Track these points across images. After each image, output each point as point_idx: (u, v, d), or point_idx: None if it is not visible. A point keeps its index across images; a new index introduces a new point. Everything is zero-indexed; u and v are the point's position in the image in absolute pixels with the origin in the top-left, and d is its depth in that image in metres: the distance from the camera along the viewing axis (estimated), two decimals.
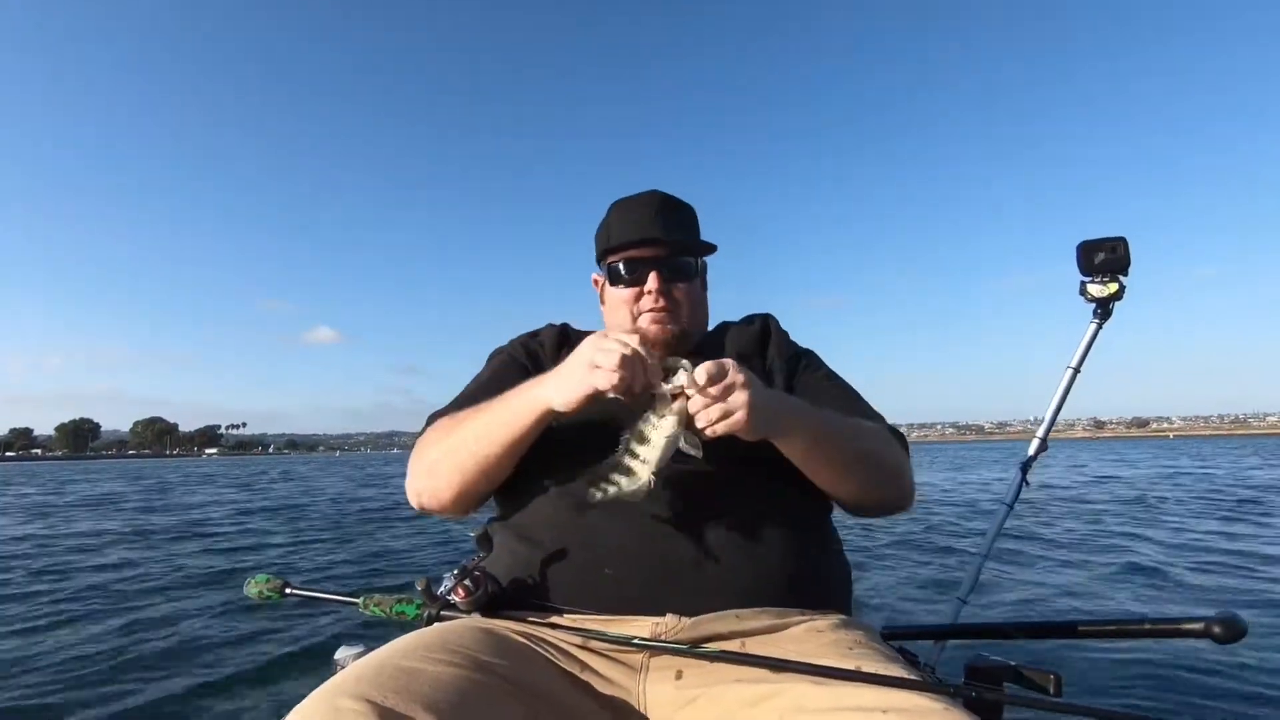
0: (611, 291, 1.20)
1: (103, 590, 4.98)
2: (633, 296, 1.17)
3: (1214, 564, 5.27)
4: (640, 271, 1.16)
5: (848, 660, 0.81)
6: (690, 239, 1.20)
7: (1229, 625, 1.06)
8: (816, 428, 0.97)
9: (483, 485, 1.05)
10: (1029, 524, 7.63)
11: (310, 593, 1.12)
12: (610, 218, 1.22)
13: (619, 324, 1.19)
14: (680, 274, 1.18)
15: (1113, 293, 1.63)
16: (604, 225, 1.24)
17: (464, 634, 0.85)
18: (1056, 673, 1.04)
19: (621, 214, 1.20)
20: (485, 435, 1.00)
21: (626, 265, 1.17)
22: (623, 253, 1.18)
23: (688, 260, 1.19)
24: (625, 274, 1.17)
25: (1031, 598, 4.25)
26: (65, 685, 2.95)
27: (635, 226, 1.17)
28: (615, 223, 1.20)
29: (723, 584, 0.92)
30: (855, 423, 1.05)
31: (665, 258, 1.16)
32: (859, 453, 1.02)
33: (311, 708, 0.68)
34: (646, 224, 1.16)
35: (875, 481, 1.05)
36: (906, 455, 1.11)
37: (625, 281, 1.17)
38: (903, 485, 1.08)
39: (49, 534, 8.63)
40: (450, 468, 1.03)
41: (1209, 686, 2.65)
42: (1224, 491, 11.55)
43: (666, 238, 1.16)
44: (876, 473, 1.04)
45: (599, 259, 1.24)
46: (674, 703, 0.85)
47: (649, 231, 1.16)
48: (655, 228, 1.16)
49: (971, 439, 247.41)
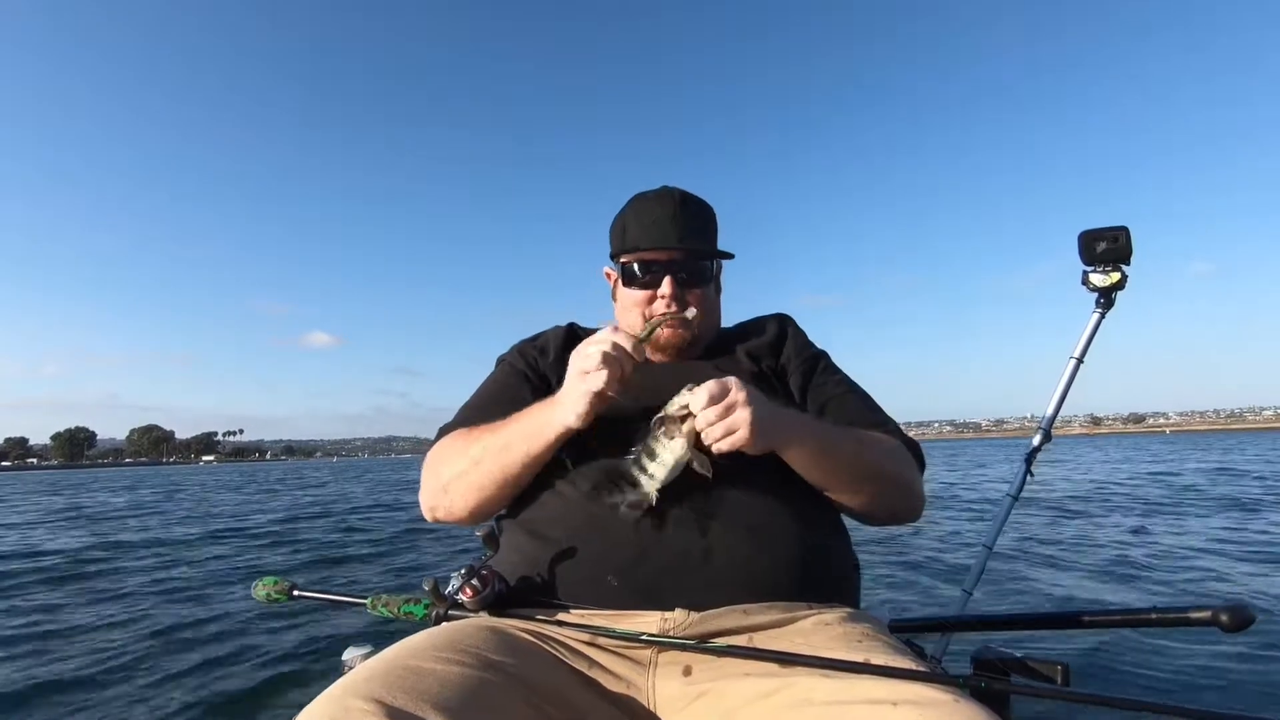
0: (624, 291, 1.20)
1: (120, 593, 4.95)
2: (646, 299, 1.17)
3: (1221, 553, 5.28)
4: (655, 274, 1.16)
5: (856, 653, 0.81)
6: (706, 247, 1.20)
7: (1237, 613, 1.06)
8: (820, 441, 0.99)
9: (500, 501, 1.07)
10: (1034, 516, 7.65)
11: (318, 594, 1.12)
12: (627, 214, 1.21)
13: (630, 325, 1.18)
14: (695, 279, 1.17)
15: (1115, 282, 1.63)
16: (620, 220, 1.22)
17: (472, 633, 0.85)
18: (1063, 663, 1.04)
19: (639, 213, 1.19)
20: (504, 456, 1.02)
21: (641, 267, 1.16)
22: (637, 254, 1.17)
23: (703, 265, 1.19)
24: (639, 275, 1.17)
25: (1037, 589, 4.25)
26: (67, 684, 2.95)
27: (653, 227, 1.16)
28: (632, 222, 1.19)
29: (731, 579, 0.92)
30: (861, 435, 1.05)
31: (680, 261, 1.16)
32: (864, 466, 1.03)
33: (321, 708, 0.68)
34: (665, 225, 1.16)
35: (881, 494, 1.06)
36: (918, 466, 1.11)
37: (639, 283, 1.17)
38: (910, 499, 1.09)
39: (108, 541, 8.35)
40: (467, 486, 1.05)
41: (1217, 675, 2.65)
42: (1230, 484, 11.57)
43: (682, 244, 1.15)
44: (882, 485, 1.05)
45: (613, 255, 1.23)
46: (683, 697, 0.85)
47: (666, 237, 1.15)
48: (672, 231, 1.15)
49: (969, 436, 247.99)
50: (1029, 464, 1.72)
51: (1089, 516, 7.91)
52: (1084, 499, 9.86)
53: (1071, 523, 7.33)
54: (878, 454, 1.05)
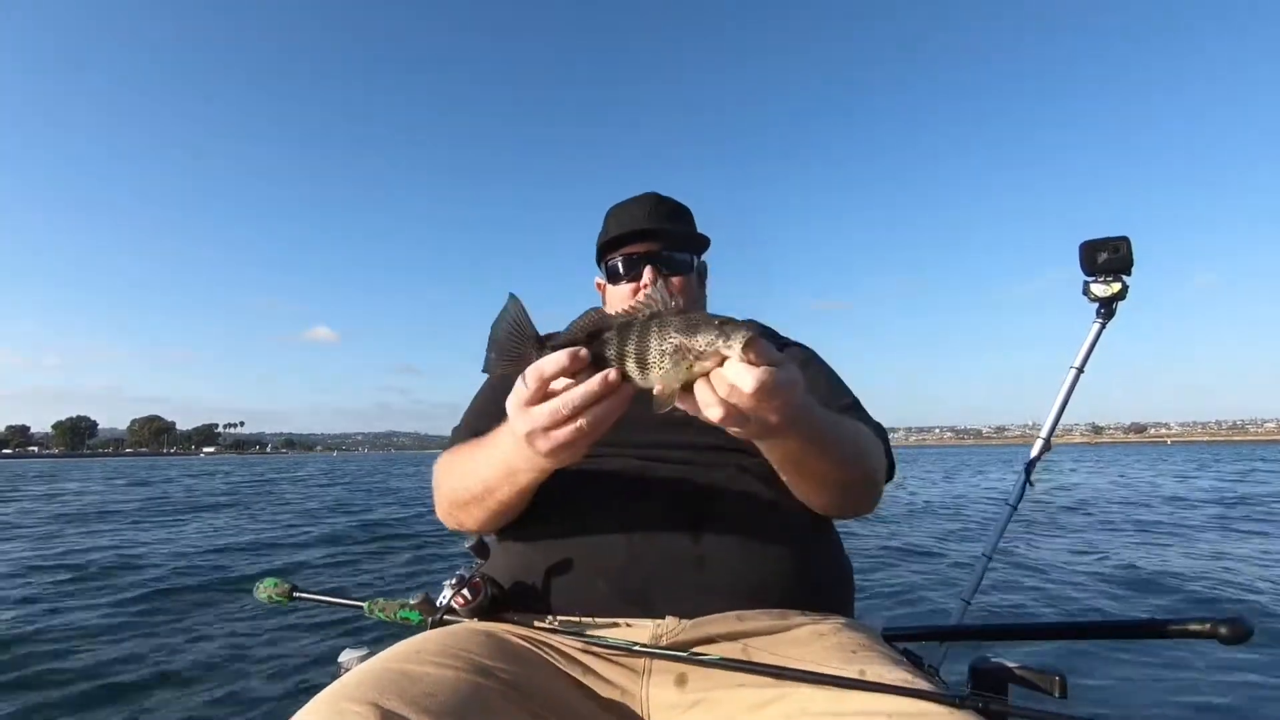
0: (611, 290, 1.25)
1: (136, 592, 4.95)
2: (630, 292, 1.20)
3: (1220, 566, 5.27)
4: (637, 267, 1.20)
5: (852, 664, 0.80)
6: (681, 228, 1.24)
7: (1235, 626, 1.06)
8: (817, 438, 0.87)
9: (512, 517, 1.02)
10: (1033, 525, 7.64)
11: (317, 597, 1.13)
12: (609, 218, 1.27)
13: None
14: (675, 268, 1.21)
15: (1116, 292, 1.63)
16: (604, 225, 1.28)
17: (466, 638, 0.85)
18: (1061, 674, 1.03)
19: (617, 214, 1.26)
20: (498, 494, 0.94)
21: (624, 262, 1.21)
22: (619, 250, 1.22)
23: (684, 256, 1.23)
24: (623, 270, 1.21)
25: (1035, 599, 4.25)
26: (69, 683, 2.96)
27: (630, 222, 1.22)
28: (613, 224, 1.25)
29: (722, 586, 0.92)
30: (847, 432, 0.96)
31: (660, 253, 1.20)
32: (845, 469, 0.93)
33: (315, 711, 0.68)
34: (640, 220, 1.21)
35: (849, 493, 0.98)
36: (882, 454, 1.04)
37: (623, 277, 1.21)
38: (873, 494, 1.02)
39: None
40: (473, 517, 1.00)
41: (1214, 688, 2.64)
42: (1229, 496, 11.55)
43: (657, 228, 1.20)
44: (854, 486, 0.97)
45: (598, 260, 1.28)
46: (677, 706, 0.84)
47: (641, 225, 1.20)
48: (648, 223, 1.21)
49: (970, 444, 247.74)
50: (1028, 473, 1.72)
51: (1090, 526, 7.89)
52: (1084, 509, 9.84)
53: (1070, 533, 7.32)
54: (862, 460, 0.97)
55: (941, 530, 7.68)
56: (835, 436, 0.89)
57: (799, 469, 0.89)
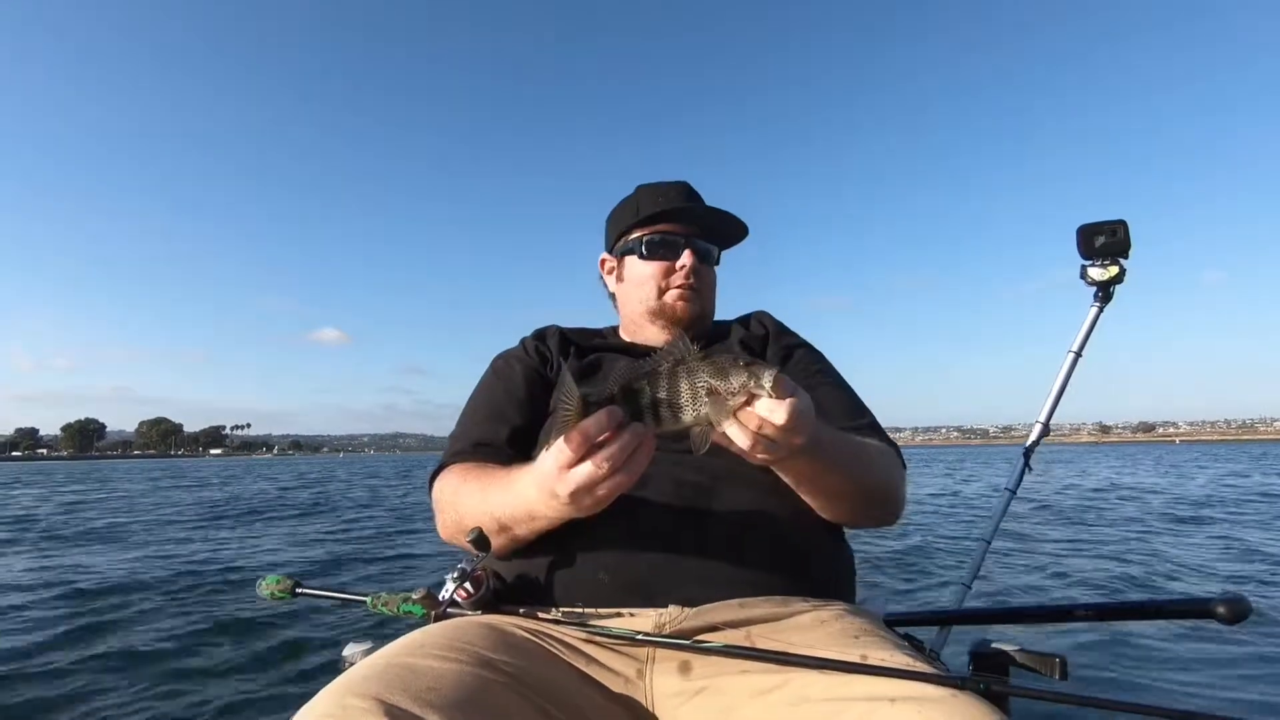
0: (638, 266, 1.20)
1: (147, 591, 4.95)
2: (662, 271, 1.17)
3: (1220, 550, 5.27)
4: (674, 246, 1.17)
5: (854, 649, 0.81)
6: (729, 213, 1.20)
7: (1234, 605, 1.06)
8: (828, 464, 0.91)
9: (517, 548, 1.00)
10: (1033, 511, 7.64)
11: (321, 592, 1.14)
12: (638, 196, 1.23)
13: (643, 299, 1.20)
14: (708, 256, 1.20)
15: (1113, 276, 1.62)
16: (629, 203, 1.23)
17: (469, 631, 0.85)
18: (1061, 656, 1.04)
19: (651, 194, 1.21)
20: (508, 529, 0.94)
21: (661, 238, 1.18)
22: (654, 226, 1.18)
23: (714, 248, 1.22)
24: (659, 247, 1.18)
25: (1035, 582, 4.26)
26: (69, 683, 2.97)
27: (667, 202, 1.18)
28: (646, 201, 1.20)
29: (724, 574, 0.92)
30: (860, 452, 1.00)
31: (698, 235, 1.18)
32: (860, 488, 0.98)
33: (320, 706, 0.68)
34: (681, 201, 1.18)
35: (869, 507, 1.02)
36: (901, 469, 1.08)
37: (658, 255, 1.18)
38: (894, 507, 1.06)
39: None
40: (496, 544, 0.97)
41: (1213, 666, 2.66)
42: (1235, 490, 11.52)
43: (703, 211, 1.18)
44: (872, 500, 1.02)
45: (620, 235, 1.23)
46: (681, 694, 0.85)
47: (687, 206, 1.18)
48: (689, 204, 1.18)
49: (976, 443, 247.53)
50: (1027, 458, 1.72)
51: (1091, 515, 7.89)
52: (1086, 499, 9.83)
53: (1072, 520, 7.32)
54: (873, 472, 1.01)
55: (941, 518, 7.69)
56: (850, 452, 0.96)
57: (814, 485, 0.95)
